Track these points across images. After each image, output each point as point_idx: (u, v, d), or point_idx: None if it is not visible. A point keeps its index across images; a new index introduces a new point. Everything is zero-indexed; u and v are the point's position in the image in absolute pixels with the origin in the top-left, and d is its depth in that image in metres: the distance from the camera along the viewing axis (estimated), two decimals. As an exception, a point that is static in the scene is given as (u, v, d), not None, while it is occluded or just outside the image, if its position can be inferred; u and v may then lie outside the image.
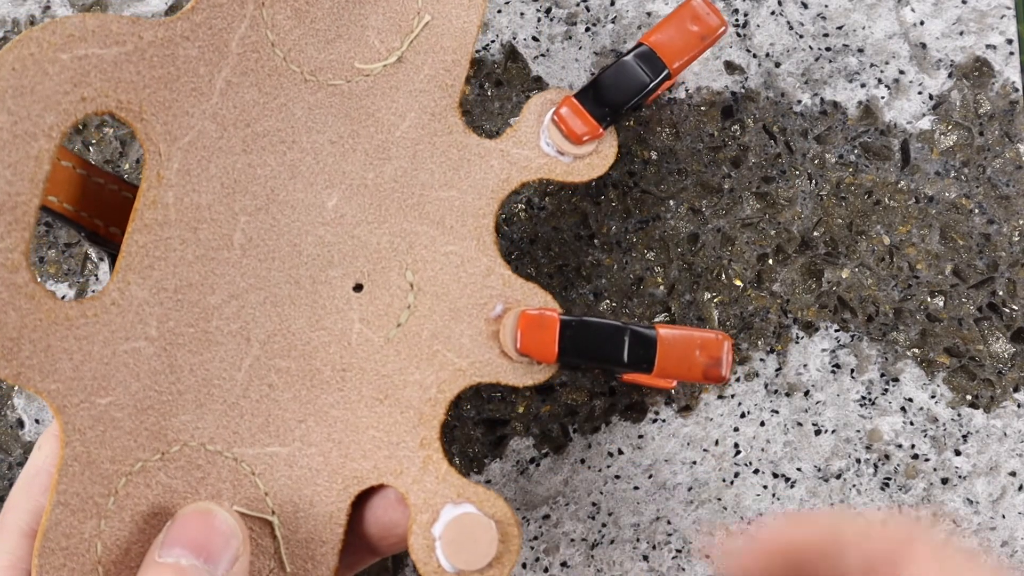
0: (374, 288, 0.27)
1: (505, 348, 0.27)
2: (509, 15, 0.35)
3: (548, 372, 0.27)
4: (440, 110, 0.28)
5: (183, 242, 0.26)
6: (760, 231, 0.34)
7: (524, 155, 0.29)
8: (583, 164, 0.29)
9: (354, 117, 0.28)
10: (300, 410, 0.26)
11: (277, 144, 0.27)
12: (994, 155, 0.34)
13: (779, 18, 0.35)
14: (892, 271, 0.33)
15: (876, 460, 0.32)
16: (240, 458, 0.26)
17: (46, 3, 0.36)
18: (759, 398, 0.33)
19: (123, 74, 0.26)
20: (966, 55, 0.35)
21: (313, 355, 0.27)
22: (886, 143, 0.34)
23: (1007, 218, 0.34)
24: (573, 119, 0.28)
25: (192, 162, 0.27)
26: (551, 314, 0.27)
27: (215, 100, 0.27)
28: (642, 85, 0.29)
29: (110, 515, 0.25)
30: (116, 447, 0.25)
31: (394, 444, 0.26)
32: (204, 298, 0.26)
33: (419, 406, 0.27)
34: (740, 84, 0.35)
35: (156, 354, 0.26)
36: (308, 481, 0.26)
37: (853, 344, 0.33)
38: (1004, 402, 0.33)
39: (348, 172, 0.28)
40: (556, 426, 0.33)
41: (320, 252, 0.27)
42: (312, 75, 0.28)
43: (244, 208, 0.27)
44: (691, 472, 0.32)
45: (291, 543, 0.26)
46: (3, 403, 0.34)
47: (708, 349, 0.26)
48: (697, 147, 0.34)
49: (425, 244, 0.28)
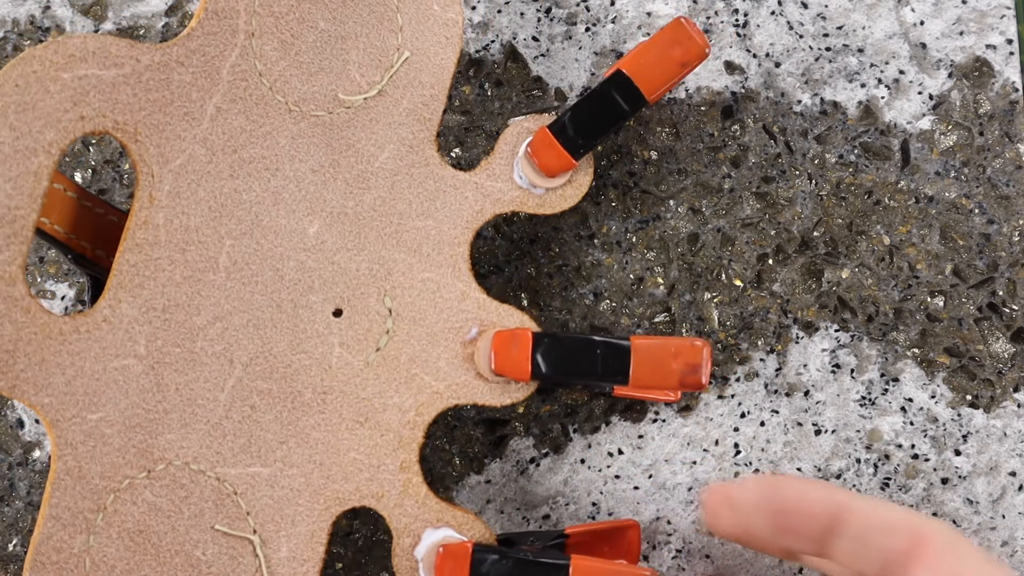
0: (353, 313, 0.28)
1: (480, 369, 0.28)
2: (509, 15, 0.35)
3: (525, 391, 0.28)
4: (418, 142, 0.29)
5: (172, 263, 0.27)
6: (760, 231, 0.34)
7: (497, 188, 0.29)
8: (555, 196, 0.29)
9: (335, 147, 0.28)
10: (282, 431, 0.27)
11: (262, 171, 0.28)
12: (994, 155, 0.34)
13: (779, 18, 0.35)
14: (892, 271, 0.33)
15: (876, 460, 0.32)
16: (223, 477, 0.26)
17: (46, 3, 0.36)
18: (759, 398, 0.33)
19: (120, 95, 0.27)
20: (966, 55, 0.35)
21: (294, 378, 0.27)
22: (886, 143, 0.34)
23: (1007, 218, 0.34)
24: (546, 153, 0.28)
25: (182, 185, 0.27)
26: (524, 331, 0.27)
27: (206, 125, 0.27)
28: (618, 116, 0.29)
29: (99, 531, 0.25)
30: (105, 463, 0.26)
31: (375, 467, 0.27)
32: (190, 318, 0.27)
33: (398, 429, 0.27)
34: (740, 84, 0.35)
35: (144, 372, 0.26)
36: (290, 501, 0.27)
37: (853, 344, 0.33)
38: (1004, 402, 0.33)
39: (329, 200, 0.28)
40: (556, 426, 0.33)
41: (301, 277, 0.28)
42: (296, 105, 0.28)
43: (230, 232, 0.27)
44: (691, 472, 0.32)
45: (272, 562, 0.26)
46: (3, 403, 0.34)
47: (684, 356, 0.26)
48: (697, 147, 0.34)
49: (403, 271, 0.28)
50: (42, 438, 0.33)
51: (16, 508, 0.33)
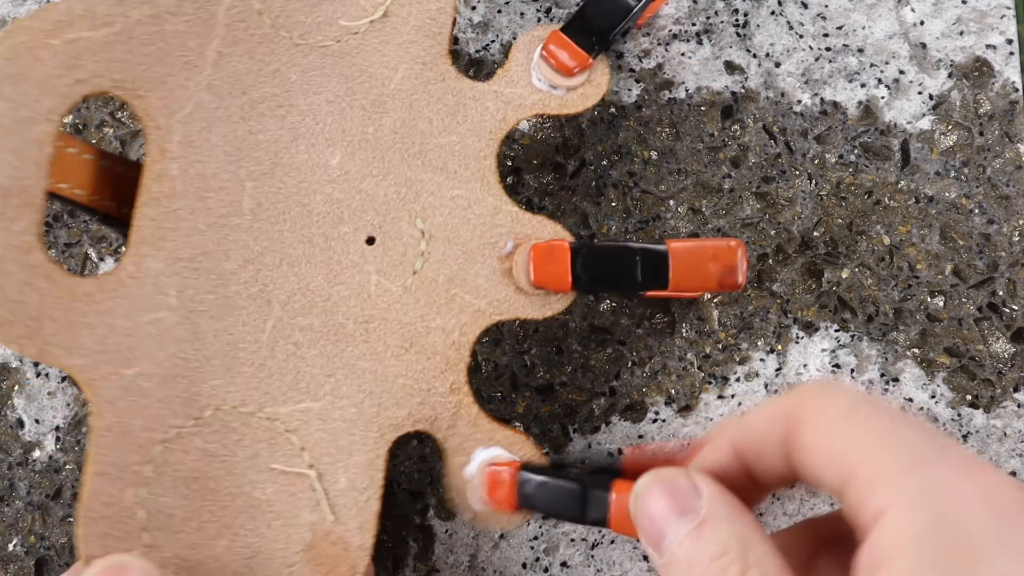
0: (386, 239, 0.28)
1: (520, 283, 0.27)
2: (509, 15, 0.35)
3: (565, 302, 0.28)
4: (431, 59, 0.29)
5: (193, 212, 0.27)
6: (760, 231, 0.34)
7: (518, 93, 0.29)
8: (577, 95, 0.29)
9: (347, 75, 0.28)
10: (328, 365, 0.27)
11: (275, 109, 0.28)
12: (994, 155, 0.34)
13: (779, 18, 0.35)
14: (892, 271, 0.33)
15: (876, 460, 0.32)
16: (274, 417, 0.26)
17: (46, 3, 0.36)
18: (759, 398, 0.33)
19: (115, 54, 0.27)
20: (966, 55, 0.35)
21: (334, 310, 0.27)
22: (886, 143, 0.34)
23: (1007, 218, 0.34)
24: (561, 52, 0.29)
25: (193, 133, 0.27)
26: (561, 243, 0.27)
27: (208, 71, 0.27)
28: (627, 9, 0.29)
29: (150, 482, 0.26)
30: (148, 415, 0.26)
31: (425, 391, 0.27)
32: (220, 264, 0.27)
33: (444, 351, 0.27)
34: (740, 84, 0.35)
35: (179, 323, 0.26)
36: (343, 432, 0.26)
37: (853, 344, 0.33)
38: (1004, 402, 0.33)
39: (348, 129, 0.28)
40: (556, 426, 0.33)
41: (330, 209, 0.28)
42: (302, 39, 0.28)
43: (250, 174, 0.27)
44: (691, 472, 0.32)
45: (331, 493, 0.26)
46: (3, 403, 0.34)
47: (721, 258, 0.26)
48: (697, 147, 0.34)
49: (431, 191, 0.28)
50: (42, 438, 0.33)
51: (16, 508, 0.33)
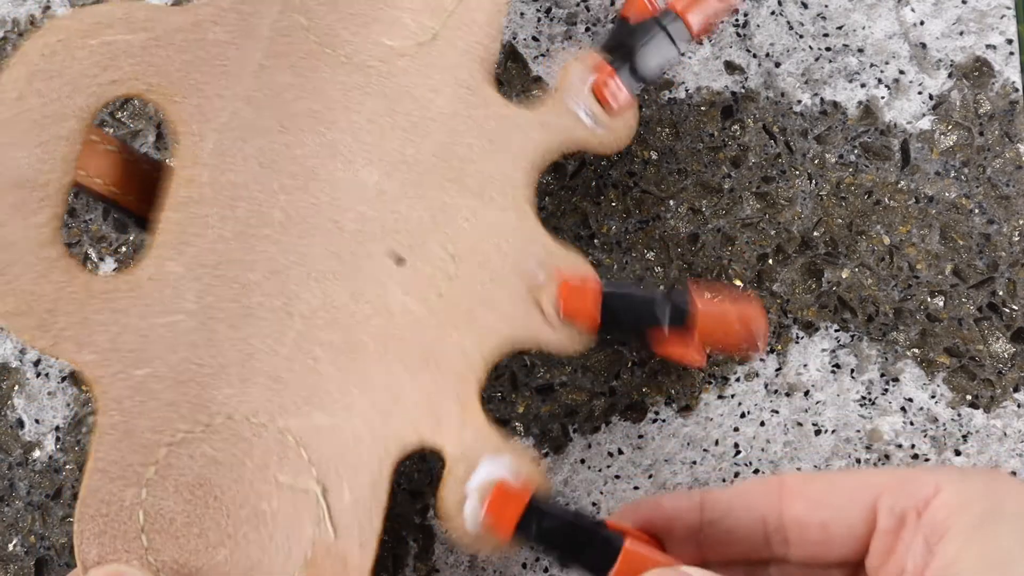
0: (415, 260, 0.28)
1: (547, 315, 0.27)
2: (509, 15, 0.35)
3: (588, 341, 0.28)
4: (476, 83, 0.29)
5: (221, 219, 0.27)
6: (760, 231, 0.34)
7: (565, 125, 0.29)
8: (612, 134, 0.29)
9: (390, 95, 0.28)
10: (344, 381, 0.27)
11: (315, 124, 0.28)
12: (994, 155, 0.34)
13: (779, 18, 0.35)
14: (892, 271, 0.33)
15: (876, 460, 0.32)
16: (286, 430, 0.26)
17: (46, 3, 0.36)
18: (759, 398, 0.33)
19: (152, 58, 0.27)
20: (966, 55, 0.35)
21: (357, 328, 0.27)
22: (886, 143, 0.34)
23: (1007, 218, 0.34)
24: (617, 91, 0.29)
25: (227, 142, 0.27)
26: (592, 283, 0.27)
27: (248, 82, 0.27)
28: (674, 59, 0.30)
29: (152, 484, 0.25)
30: (155, 417, 0.26)
31: (436, 411, 0.27)
32: (244, 274, 0.27)
33: (460, 370, 0.27)
34: (740, 84, 0.35)
35: (195, 328, 0.26)
36: (352, 449, 0.26)
37: (853, 344, 0.33)
38: (1004, 402, 0.33)
39: (387, 149, 0.28)
40: (556, 426, 0.33)
41: (361, 227, 0.27)
42: (347, 58, 0.28)
43: (283, 187, 0.27)
44: (691, 472, 0.32)
45: (335, 509, 0.26)
46: (3, 403, 0.34)
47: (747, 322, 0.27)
48: (697, 147, 0.34)
49: (466, 216, 0.28)
50: (42, 438, 0.33)
51: (16, 508, 0.33)
